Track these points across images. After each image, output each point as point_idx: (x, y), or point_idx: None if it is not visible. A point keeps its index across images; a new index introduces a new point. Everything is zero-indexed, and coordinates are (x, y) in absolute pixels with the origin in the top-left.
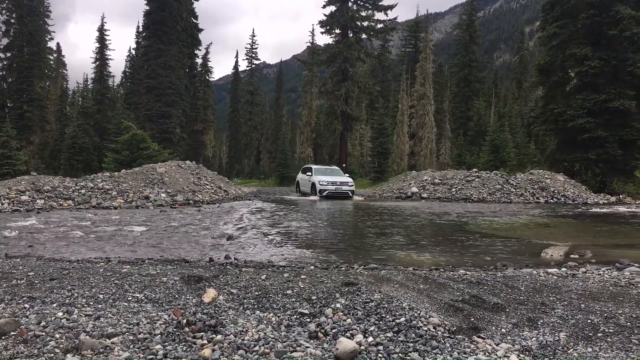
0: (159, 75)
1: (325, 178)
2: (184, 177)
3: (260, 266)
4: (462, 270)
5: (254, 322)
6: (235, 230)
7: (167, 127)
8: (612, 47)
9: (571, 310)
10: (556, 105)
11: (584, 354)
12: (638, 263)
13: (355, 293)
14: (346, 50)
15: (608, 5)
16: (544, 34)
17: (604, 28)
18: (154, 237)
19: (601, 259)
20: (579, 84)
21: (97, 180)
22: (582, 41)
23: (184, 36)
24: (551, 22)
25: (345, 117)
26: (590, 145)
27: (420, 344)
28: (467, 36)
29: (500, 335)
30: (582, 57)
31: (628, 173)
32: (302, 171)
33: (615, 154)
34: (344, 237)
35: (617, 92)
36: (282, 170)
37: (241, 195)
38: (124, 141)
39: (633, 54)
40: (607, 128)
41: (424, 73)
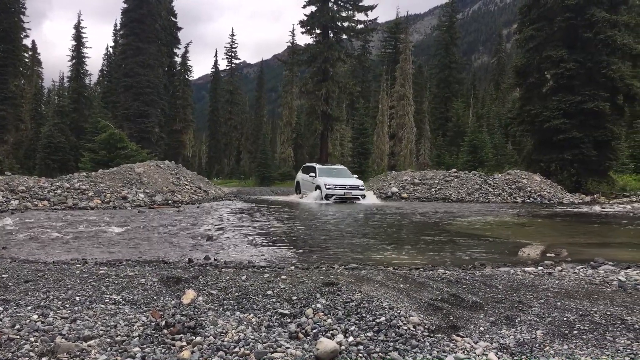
0: (137, 74)
1: (332, 180)
2: (163, 177)
3: (240, 267)
4: (441, 269)
5: (234, 323)
6: (215, 230)
7: (146, 126)
8: (587, 50)
9: (548, 308)
10: (533, 107)
11: (560, 352)
12: (612, 261)
13: (335, 293)
14: (327, 51)
15: (583, 9)
16: (521, 37)
17: (580, 31)
18: (132, 238)
19: (576, 257)
20: (555, 85)
21: (73, 181)
22: (558, 44)
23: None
24: (528, 24)
25: (325, 117)
26: (565, 146)
27: (400, 343)
28: (447, 37)
29: (479, 334)
30: (558, 60)
31: (602, 173)
32: (302, 170)
33: (590, 155)
34: (325, 237)
35: (591, 93)
36: (263, 170)
37: (221, 196)
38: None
39: (607, 57)
40: (582, 129)
41: (404, 74)
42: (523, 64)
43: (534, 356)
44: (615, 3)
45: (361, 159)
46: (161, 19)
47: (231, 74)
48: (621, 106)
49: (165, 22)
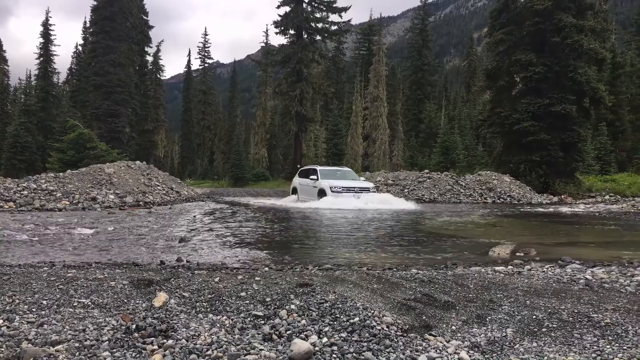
0: (107, 73)
1: (339, 183)
2: (134, 178)
3: (213, 268)
4: (414, 269)
5: (206, 325)
6: (187, 232)
7: (116, 126)
8: (555, 54)
9: (517, 306)
10: (503, 109)
11: (529, 349)
12: (579, 260)
13: (309, 294)
14: (301, 51)
15: (552, 14)
16: (492, 40)
17: (548, 35)
18: (102, 240)
19: (545, 256)
20: (524, 88)
21: (40, 181)
22: (527, 47)
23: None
24: (498, 28)
25: (299, 118)
26: (534, 148)
27: (374, 343)
28: (419, 40)
29: (451, 333)
30: (527, 63)
31: (569, 174)
32: (300, 174)
33: (557, 156)
34: (299, 238)
35: (559, 97)
36: (236, 171)
37: (194, 197)
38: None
39: (574, 61)
40: (550, 131)
41: (378, 75)
42: (493, 67)
43: (505, 354)
44: (582, 9)
45: (335, 159)
46: (132, 17)
47: (204, 74)
48: (587, 109)
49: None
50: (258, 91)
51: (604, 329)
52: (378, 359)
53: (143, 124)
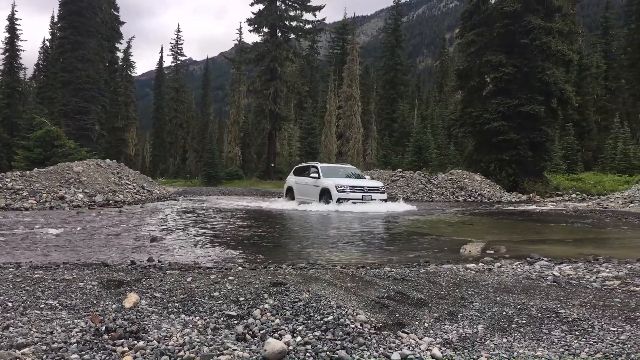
0: (76, 69)
1: (345, 182)
2: (104, 176)
3: (185, 268)
4: (387, 267)
5: (178, 326)
6: (159, 231)
7: (85, 123)
8: (524, 55)
9: (488, 303)
10: (474, 109)
11: (500, 345)
12: (547, 257)
13: (283, 293)
14: (275, 50)
15: (521, 16)
16: (463, 41)
17: (517, 37)
18: (70, 240)
19: (514, 254)
20: (494, 89)
21: (6, 180)
22: (497, 49)
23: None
24: (469, 29)
25: (273, 116)
26: (504, 147)
27: (347, 341)
28: (393, 40)
29: (424, 330)
30: (497, 64)
31: (537, 173)
32: (295, 172)
33: (526, 156)
34: (272, 236)
35: (528, 97)
36: (209, 170)
37: (166, 196)
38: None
39: (542, 62)
40: (519, 131)
41: (351, 75)
42: (465, 67)
43: (476, 350)
44: (550, 11)
45: (309, 158)
46: (102, 13)
47: (176, 71)
48: (555, 109)
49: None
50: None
51: (571, 324)
52: (352, 357)
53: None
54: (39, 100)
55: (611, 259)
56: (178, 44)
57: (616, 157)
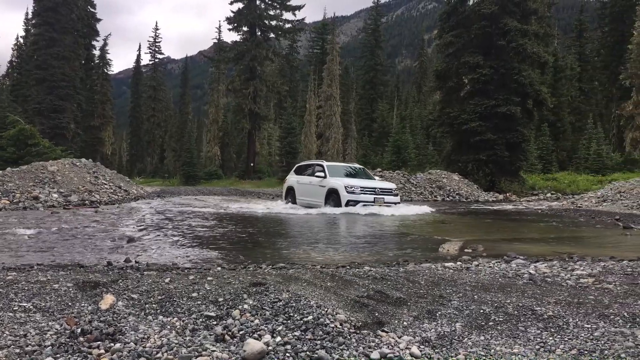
0: (50, 66)
1: (355, 182)
2: (79, 176)
3: (163, 269)
4: (367, 267)
5: (156, 327)
6: (136, 231)
7: (60, 122)
8: (501, 57)
9: (466, 301)
10: (452, 109)
11: (477, 342)
12: (523, 256)
13: (263, 293)
14: (254, 49)
15: (497, 18)
16: (441, 42)
17: (494, 39)
18: (45, 240)
19: (491, 252)
20: (472, 90)
21: None
22: (475, 50)
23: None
24: (448, 31)
25: (253, 115)
26: (481, 147)
27: (327, 341)
28: (372, 40)
29: (403, 328)
30: (475, 65)
31: (514, 173)
32: (297, 171)
33: (503, 156)
34: (252, 236)
35: (504, 98)
36: (188, 169)
37: (143, 195)
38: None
39: (519, 64)
40: (496, 131)
41: (331, 74)
42: (443, 68)
43: (454, 348)
44: (526, 13)
45: (289, 158)
46: (78, 9)
47: (154, 69)
48: (530, 110)
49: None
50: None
51: (547, 321)
52: (331, 357)
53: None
54: (12, 98)
55: (585, 257)
56: (156, 42)
57: (590, 157)
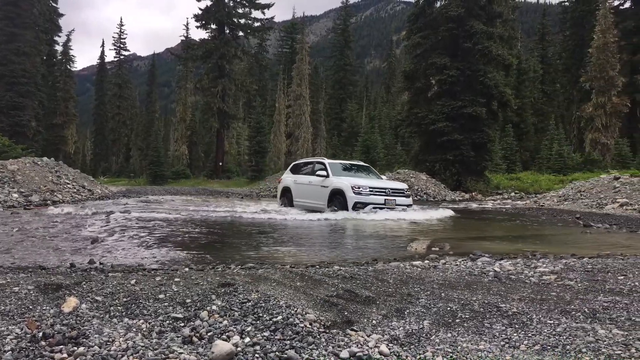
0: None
1: (363, 182)
2: (41, 175)
3: (129, 270)
4: (337, 266)
5: (121, 330)
6: (101, 232)
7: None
8: (467, 59)
9: (433, 299)
10: (419, 110)
11: (444, 340)
12: (488, 254)
13: (232, 294)
14: (223, 47)
15: (464, 20)
16: (409, 43)
17: (461, 41)
18: (3, 242)
19: (458, 250)
20: (439, 90)
21: None
22: (442, 52)
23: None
24: (416, 32)
25: (222, 114)
26: (448, 147)
27: (296, 340)
28: (342, 40)
29: (372, 327)
30: (442, 67)
31: (479, 173)
32: (293, 170)
33: (469, 156)
34: (220, 236)
35: (470, 99)
36: (155, 169)
37: (108, 195)
38: None
39: (484, 66)
40: (462, 132)
41: (301, 74)
42: (411, 69)
43: (422, 345)
44: (491, 16)
45: (258, 157)
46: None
47: (119, 66)
48: (495, 111)
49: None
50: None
51: (511, 318)
52: (301, 357)
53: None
54: None
55: (547, 255)
56: (121, 38)
57: (551, 157)
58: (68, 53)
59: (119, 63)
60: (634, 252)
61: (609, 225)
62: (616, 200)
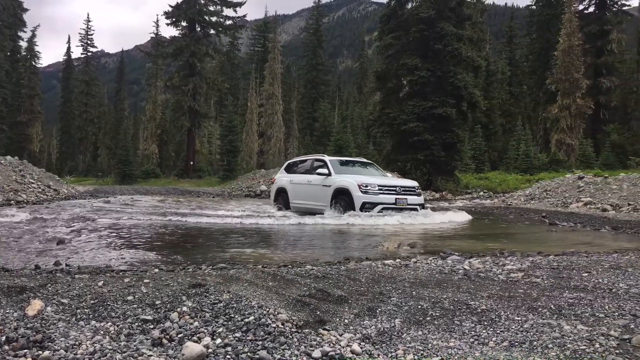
0: None
1: (370, 180)
2: (4, 174)
3: (97, 272)
4: (309, 266)
5: (88, 333)
6: (67, 233)
7: None
8: (438, 60)
9: (405, 297)
10: (391, 110)
11: (415, 337)
12: (458, 252)
13: (203, 295)
14: (194, 45)
15: (434, 22)
16: (381, 44)
17: (431, 42)
18: None
19: (428, 249)
20: (411, 91)
21: None
22: (413, 52)
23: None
24: (387, 33)
25: (193, 113)
26: (419, 147)
27: (269, 341)
28: (314, 40)
29: (344, 326)
30: (413, 67)
31: (449, 172)
32: (289, 169)
33: (440, 156)
34: (191, 236)
35: (441, 100)
36: (124, 168)
37: (75, 195)
38: None
39: (454, 67)
40: (433, 132)
41: (273, 73)
42: (383, 69)
43: (393, 343)
44: (461, 19)
45: (230, 157)
46: None
47: (87, 63)
48: (465, 112)
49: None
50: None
51: (481, 315)
52: (273, 357)
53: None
54: None
55: (515, 253)
56: (88, 34)
57: (519, 157)
58: (33, 49)
59: (86, 60)
60: (597, 249)
61: (574, 223)
62: (580, 200)
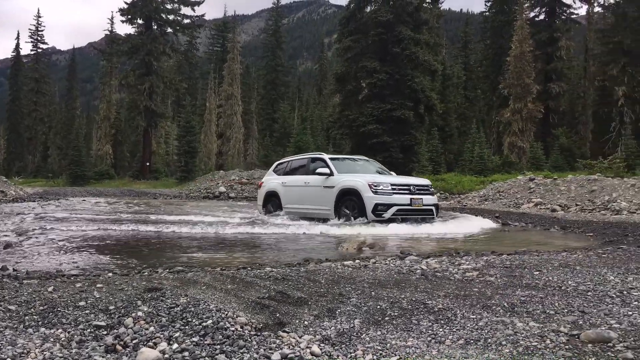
0: None
1: (381, 178)
2: None
3: (46, 277)
4: (268, 267)
5: (37, 341)
6: (15, 236)
7: None
8: (396, 63)
9: (364, 298)
10: (350, 112)
11: (374, 337)
12: (416, 252)
13: (159, 299)
14: (150, 43)
15: (393, 26)
16: (341, 46)
17: (390, 46)
18: None
19: (387, 250)
20: (369, 94)
21: None
22: (372, 55)
23: None
24: (347, 35)
25: (149, 113)
26: (378, 149)
27: (227, 345)
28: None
29: (304, 328)
30: (372, 70)
31: (407, 174)
32: (278, 170)
33: (398, 157)
34: (146, 238)
35: (399, 103)
36: (76, 169)
37: (23, 197)
38: None
39: (412, 70)
40: (391, 134)
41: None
42: (342, 72)
43: (352, 344)
44: (418, 23)
45: (188, 157)
46: None
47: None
48: (422, 115)
49: None
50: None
51: (437, 314)
52: None
53: None
54: None
55: (470, 253)
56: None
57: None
58: None
59: (36, 56)
60: (547, 248)
61: (525, 223)
62: (531, 200)
